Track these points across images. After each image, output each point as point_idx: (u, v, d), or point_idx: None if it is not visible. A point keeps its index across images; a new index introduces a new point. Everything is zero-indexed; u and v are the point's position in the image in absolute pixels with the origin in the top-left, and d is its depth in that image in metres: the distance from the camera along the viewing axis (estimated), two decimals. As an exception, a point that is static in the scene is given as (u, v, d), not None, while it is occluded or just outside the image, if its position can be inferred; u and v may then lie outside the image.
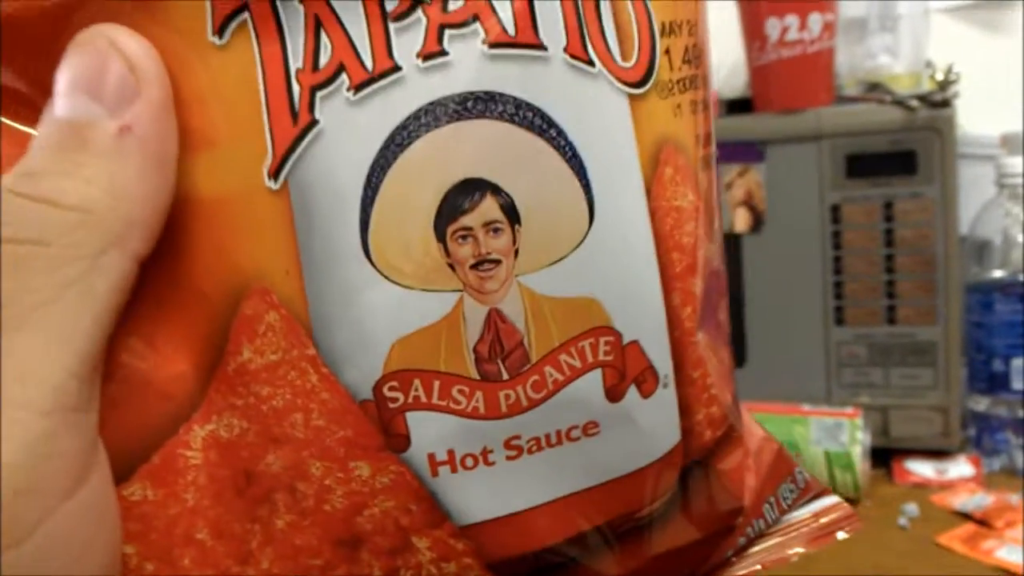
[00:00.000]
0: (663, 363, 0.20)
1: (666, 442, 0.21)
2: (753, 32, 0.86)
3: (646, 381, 0.20)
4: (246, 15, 0.17)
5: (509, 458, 0.19)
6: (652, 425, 0.20)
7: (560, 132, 0.18)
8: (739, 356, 0.88)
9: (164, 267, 0.18)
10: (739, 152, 0.86)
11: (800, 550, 0.24)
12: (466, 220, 0.18)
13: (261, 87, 0.17)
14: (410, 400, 0.18)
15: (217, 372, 0.18)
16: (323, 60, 0.17)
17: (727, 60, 1.07)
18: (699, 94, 0.21)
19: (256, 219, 0.18)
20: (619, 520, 0.21)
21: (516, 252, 0.18)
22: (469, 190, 0.18)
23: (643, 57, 0.20)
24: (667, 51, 0.20)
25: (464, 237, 0.18)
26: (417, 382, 0.18)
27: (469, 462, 0.19)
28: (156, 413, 0.18)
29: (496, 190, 0.18)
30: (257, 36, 0.17)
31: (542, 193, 0.18)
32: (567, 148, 0.19)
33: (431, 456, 0.19)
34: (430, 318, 0.18)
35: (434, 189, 0.18)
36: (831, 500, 0.25)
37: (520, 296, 0.18)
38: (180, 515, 0.19)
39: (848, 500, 0.29)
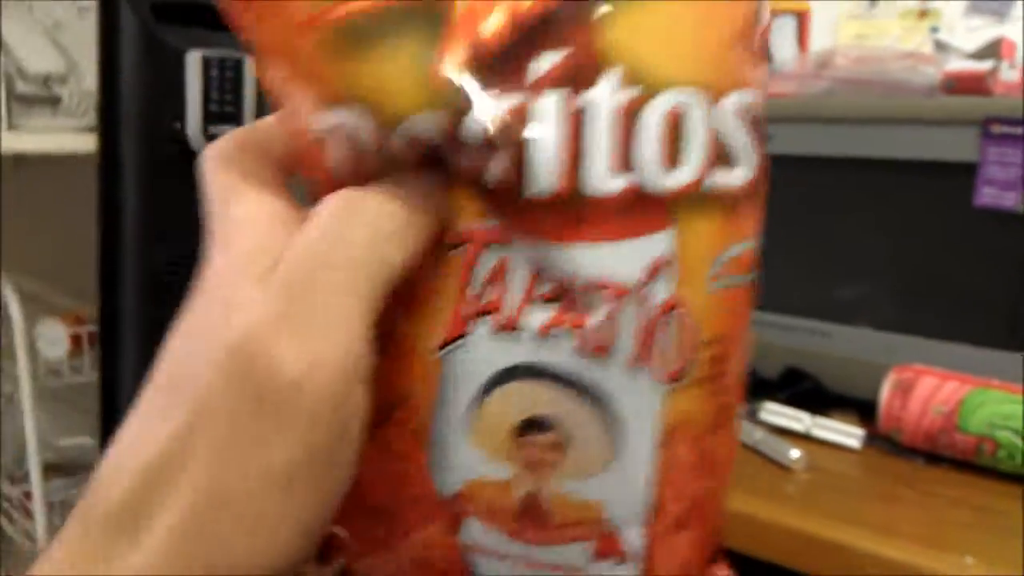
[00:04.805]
0: (634, 551, 0.29)
1: None
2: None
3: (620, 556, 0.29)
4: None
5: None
6: None
7: (606, 407, 0.27)
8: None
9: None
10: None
11: None
12: (529, 438, 0.27)
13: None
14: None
15: None
16: (486, 298, 0.27)
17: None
18: (718, 384, 0.29)
19: (423, 367, 0.28)
20: None
21: (556, 465, 0.28)
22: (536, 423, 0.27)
23: (683, 363, 0.28)
24: (704, 358, 0.28)
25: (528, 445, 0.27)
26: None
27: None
28: None
29: (550, 426, 0.27)
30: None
31: (581, 437, 0.27)
32: (609, 417, 0.27)
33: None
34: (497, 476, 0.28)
35: (512, 418, 0.27)
36: None
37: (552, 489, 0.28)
38: None
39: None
